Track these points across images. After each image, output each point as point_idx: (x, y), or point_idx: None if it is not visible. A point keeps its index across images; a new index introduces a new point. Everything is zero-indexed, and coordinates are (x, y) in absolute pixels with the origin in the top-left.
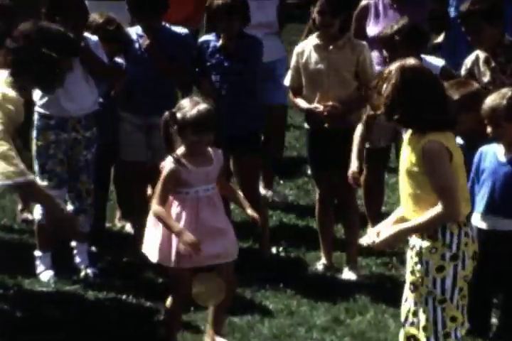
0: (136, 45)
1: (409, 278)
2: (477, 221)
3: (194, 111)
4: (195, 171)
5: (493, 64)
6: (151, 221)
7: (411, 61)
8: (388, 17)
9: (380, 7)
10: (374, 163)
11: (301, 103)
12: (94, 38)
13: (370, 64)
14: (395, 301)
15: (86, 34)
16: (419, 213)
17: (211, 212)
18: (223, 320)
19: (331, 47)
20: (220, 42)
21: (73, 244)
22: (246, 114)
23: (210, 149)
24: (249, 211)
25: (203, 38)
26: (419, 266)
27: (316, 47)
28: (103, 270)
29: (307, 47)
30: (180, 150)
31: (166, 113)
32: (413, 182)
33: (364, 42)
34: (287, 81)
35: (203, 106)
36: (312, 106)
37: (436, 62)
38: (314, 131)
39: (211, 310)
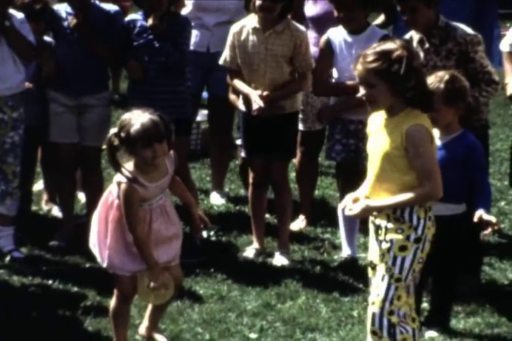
0: (65, 24)
1: (370, 256)
2: None
3: (137, 126)
4: (152, 186)
5: (426, 45)
6: (96, 221)
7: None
8: None
9: None
10: (309, 146)
11: (241, 86)
12: (20, 15)
13: (306, 50)
14: (327, 286)
15: (12, 11)
16: (383, 194)
17: (164, 221)
18: (162, 313)
19: (270, 31)
20: (149, 21)
21: None
22: (174, 97)
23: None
24: (196, 211)
25: (130, 16)
26: (383, 244)
27: (254, 31)
28: (29, 254)
29: (245, 29)
30: (130, 166)
31: (109, 135)
32: (389, 165)
33: (303, 28)
34: (222, 60)
35: (145, 117)
36: (251, 95)
37: (381, 30)
38: (249, 113)
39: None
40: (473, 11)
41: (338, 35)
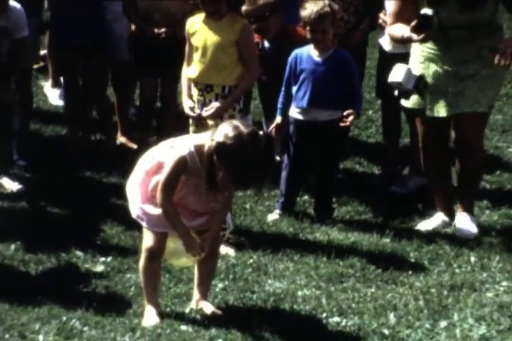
0: None
1: None
2: (298, 114)
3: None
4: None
5: None
6: (133, 180)
7: None
8: None
9: None
10: None
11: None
12: None
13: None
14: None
15: None
16: (219, 77)
17: (195, 197)
18: (208, 284)
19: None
20: None
21: None
22: (90, 22)
23: None
24: (207, 237)
25: None
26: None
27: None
28: None
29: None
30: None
31: (213, 143)
32: (224, 54)
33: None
34: None
35: (259, 160)
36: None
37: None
38: None
39: (196, 275)
40: None
41: None
